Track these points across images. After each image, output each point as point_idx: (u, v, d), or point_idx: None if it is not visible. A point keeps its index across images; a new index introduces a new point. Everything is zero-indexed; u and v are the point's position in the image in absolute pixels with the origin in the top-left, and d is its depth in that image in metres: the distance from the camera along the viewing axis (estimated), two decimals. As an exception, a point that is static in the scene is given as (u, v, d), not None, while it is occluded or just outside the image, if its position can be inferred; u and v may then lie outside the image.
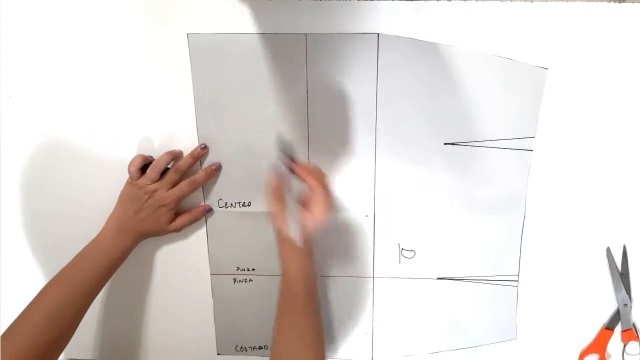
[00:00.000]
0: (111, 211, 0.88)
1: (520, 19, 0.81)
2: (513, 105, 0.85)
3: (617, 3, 0.80)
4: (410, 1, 0.81)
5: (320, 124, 0.87)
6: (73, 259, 0.84)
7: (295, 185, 0.78)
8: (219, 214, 0.92)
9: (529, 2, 0.80)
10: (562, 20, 0.81)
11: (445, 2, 0.81)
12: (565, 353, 0.93)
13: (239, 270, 0.94)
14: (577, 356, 0.93)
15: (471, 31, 0.82)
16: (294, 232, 0.76)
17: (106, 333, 0.99)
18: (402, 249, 0.92)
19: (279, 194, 0.78)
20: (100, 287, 0.85)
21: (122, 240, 0.86)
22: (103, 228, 0.87)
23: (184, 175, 0.88)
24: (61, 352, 0.80)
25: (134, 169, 0.85)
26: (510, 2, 0.80)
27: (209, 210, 0.91)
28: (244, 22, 0.83)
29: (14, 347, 0.74)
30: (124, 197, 0.88)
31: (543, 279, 0.91)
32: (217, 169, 0.89)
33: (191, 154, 0.88)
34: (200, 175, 0.88)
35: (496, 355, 0.95)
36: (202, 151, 0.88)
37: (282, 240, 0.80)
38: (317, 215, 0.76)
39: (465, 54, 0.83)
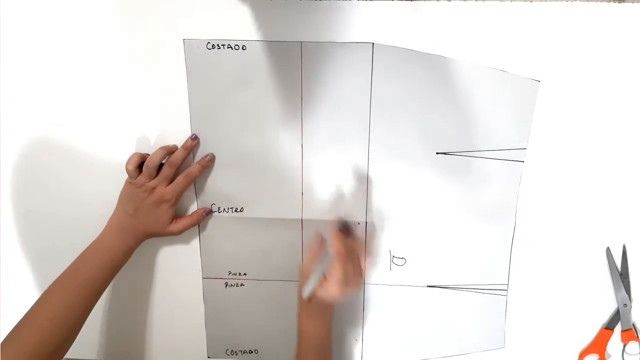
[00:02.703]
0: (112, 212, 0.89)
1: (520, 18, 0.80)
2: (505, 117, 0.84)
3: (617, 3, 0.78)
4: (409, 1, 0.80)
5: (314, 132, 0.87)
6: (75, 261, 0.85)
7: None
8: (211, 218, 0.93)
9: (529, 2, 0.79)
10: (561, 20, 0.80)
11: (445, 2, 0.80)
12: (564, 353, 0.93)
13: (230, 274, 0.95)
14: (576, 356, 0.93)
15: (470, 32, 0.81)
16: (307, 291, 0.80)
17: (99, 334, 1.01)
18: (393, 257, 0.92)
19: (313, 254, 0.83)
20: (104, 288, 0.85)
21: (123, 240, 0.86)
22: (104, 229, 0.88)
23: (178, 168, 0.88)
24: (65, 353, 0.81)
25: (132, 167, 0.85)
26: (509, 2, 0.79)
27: (208, 213, 0.92)
28: (239, 28, 0.83)
29: (22, 348, 0.75)
30: (123, 197, 0.88)
31: (541, 280, 0.91)
32: (210, 159, 0.89)
33: (183, 146, 0.87)
34: (194, 167, 0.88)
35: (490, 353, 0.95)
36: (193, 142, 0.88)
37: (300, 298, 0.82)
38: (329, 288, 0.78)
39: (459, 64, 0.82)
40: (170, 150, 0.87)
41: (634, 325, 0.90)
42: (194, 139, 0.88)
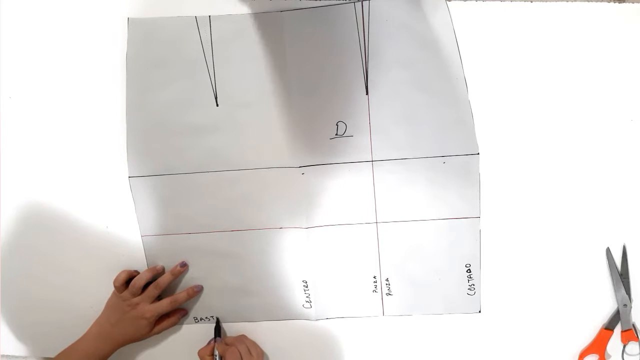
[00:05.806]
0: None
1: (520, 18, 0.81)
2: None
3: (617, 3, 0.79)
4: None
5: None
6: None
7: None
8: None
9: (529, 2, 0.80)
10: (561, 20, 0.80)
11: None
12: (564, 353, 0.92)
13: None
14: (576, 356, 0.92)
15: (470, 32, 0.82)
16: None
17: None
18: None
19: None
20: None
21: (101, 348, 0.90)
22: (85, 333, 0.91)
23: (163, 290, 0.92)
24: None
25: (119, 284, 0.90)
26: (509, 2, 0.80)
27: (184, 315, 0.96)
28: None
29: None
30: (109, 306, 0.93)
31: (541, 280, 0.90)
32: (198, 290, 0.94)
33: (171, 271, 0.93)
34: (181, 295, 0.93)
35: (490, 353, 0.94)
36: (182, 269, 0.93)
37: None
38: None
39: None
40: (157, 272, 0.93)
41: (634, 325, 0.90)
42: (183, 265, 0.93)
